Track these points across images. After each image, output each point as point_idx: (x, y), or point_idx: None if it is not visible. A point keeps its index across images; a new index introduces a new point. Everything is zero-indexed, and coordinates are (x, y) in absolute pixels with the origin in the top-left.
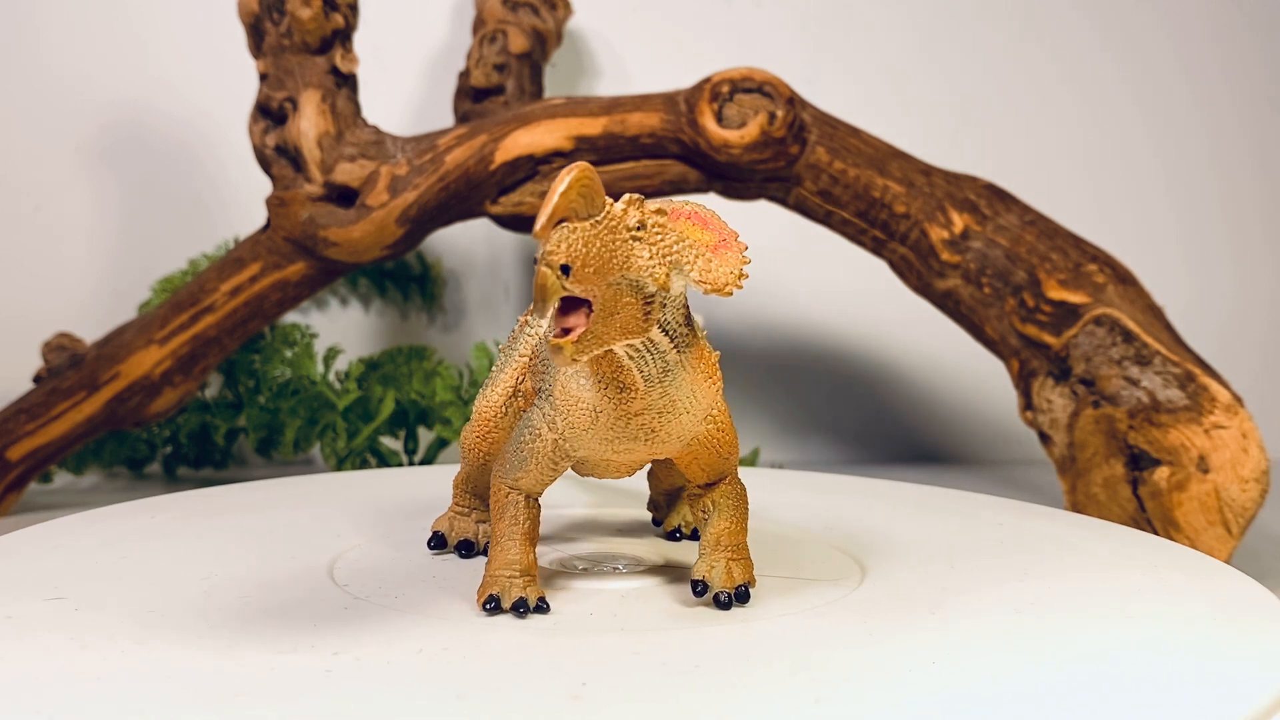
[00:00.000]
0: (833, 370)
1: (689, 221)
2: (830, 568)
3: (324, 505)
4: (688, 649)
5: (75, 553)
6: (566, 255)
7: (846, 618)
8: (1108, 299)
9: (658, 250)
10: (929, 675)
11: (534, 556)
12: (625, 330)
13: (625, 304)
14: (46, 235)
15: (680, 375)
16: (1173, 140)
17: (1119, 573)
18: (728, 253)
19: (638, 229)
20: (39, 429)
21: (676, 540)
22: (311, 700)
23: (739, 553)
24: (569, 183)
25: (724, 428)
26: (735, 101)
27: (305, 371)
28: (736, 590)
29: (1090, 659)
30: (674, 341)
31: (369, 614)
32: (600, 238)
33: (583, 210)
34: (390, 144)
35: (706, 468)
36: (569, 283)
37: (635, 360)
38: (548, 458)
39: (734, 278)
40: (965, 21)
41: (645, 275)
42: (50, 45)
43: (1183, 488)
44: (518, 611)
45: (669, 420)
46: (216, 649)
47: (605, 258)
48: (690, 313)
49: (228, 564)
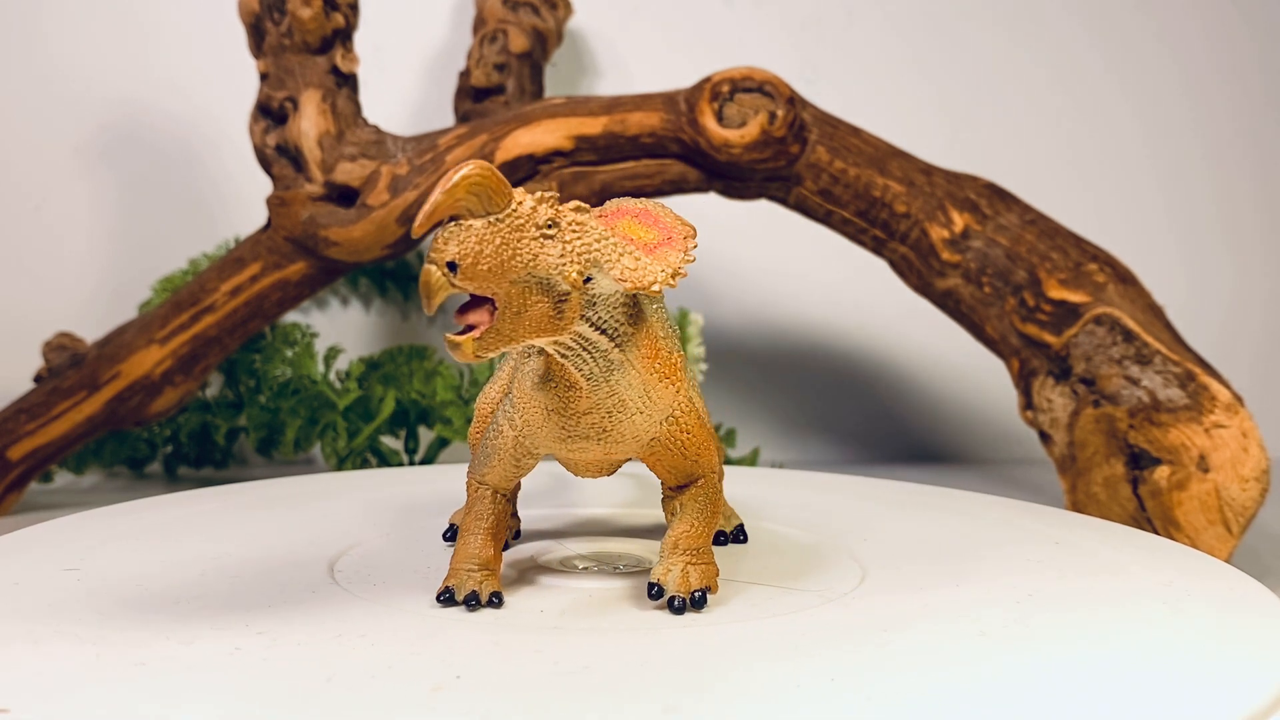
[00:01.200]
0: (833, 370)
1: (632, 219)
2: (830, 568)
3: (324, 505)
4: (609, 651)
5: (74, 552)
6: (454, 253)
7: (846, 617)
8: (1108, 298)
9: (572, 249)
10: (929, 675)
11: (495, 551)
12: (536, 329)
13: (534, 302)
14: (47, 235)
15: (628, 374)
16: (1172, 140)
17: (1119, 572)
18: (668, 251)
19: (548, 227)
20: (39, 429)
21: None
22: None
23: (699, 556)
24: (454, 182)
25: (690, 430)
26: (735, 101)
27: (306, 371)
28: (692, 595)
29: (1090, 659)
30: (614, 340)
31: (352, 607)
32: (500, 235)
33: (478, 208)
34: (391, 144)
35: (672, 470)
36: (457, 280)
37: (571, 359)
38: (510, 454)
39: (665, 276)
40: (965, 22)
41: (554, 273)
42: (51, 44)
43: (1183, 487)
44: (468, 604)
45: (620, 420)
46: (215, 648)
47: (505, 255)
48: (644, 310)
49: (227, 564)
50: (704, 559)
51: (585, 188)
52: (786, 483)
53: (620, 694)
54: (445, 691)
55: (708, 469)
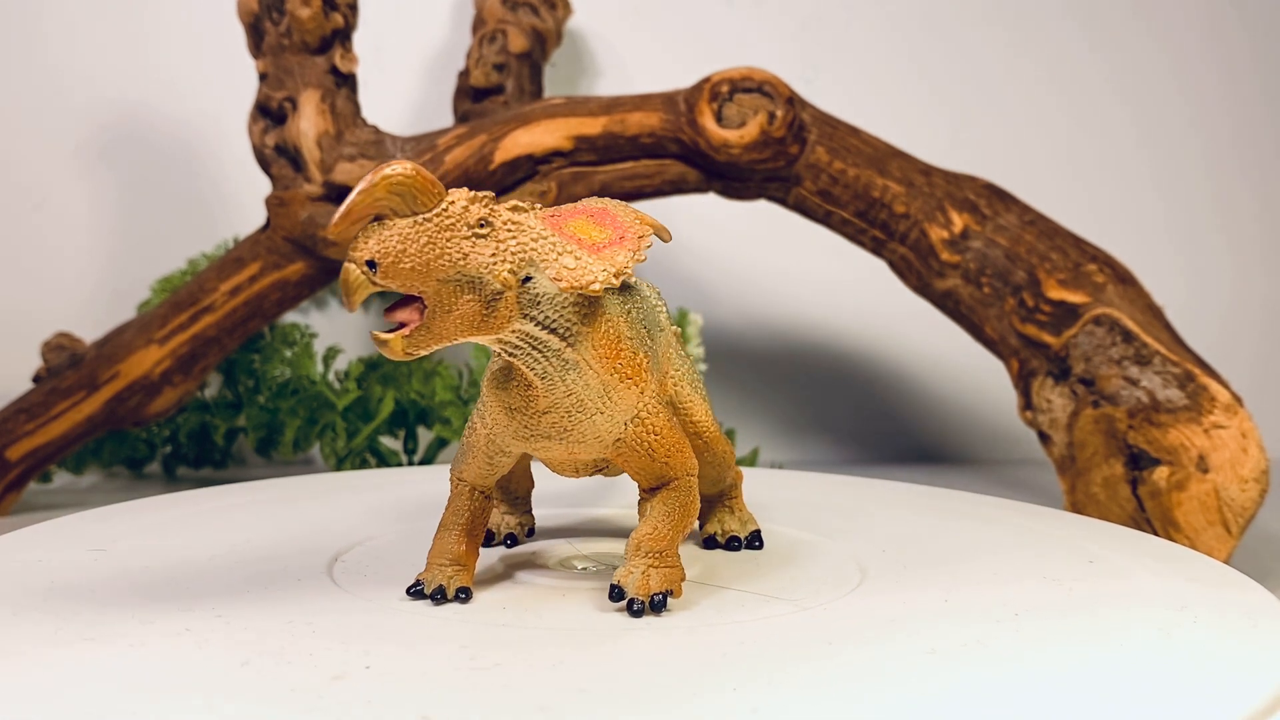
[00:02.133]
0: (833, 370)
1: (587, 219)
2: (829, 568)
3: (323, 505)
4: (533, 651)
5: (73, 552)
6: (373, 251)
7: (846, 617)
8: (1107, 299)
9: (505, 248)
10: (928, 675)
11: (468, 547)
12: (468, 328)
13: (465, 301)
14: (46, 235)
15: (585, 374)
16: (1170, 141)
17: (1118, 574)
18: (617, 250)
19: (480, 226)
20: (38, 429)
21: (710, 548)
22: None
23: (661, 560)
24: (372, 182)
25: (658, 431)
26: (735, 101)
27: (305, 371)
28: (652, 599)
29: (1090, 659)
30: (565, 339)
31: (344, 603)
32: (426, 234)
33: (402, 207)
34: (390, 144)
35: (642, 471)
36: (377, 278)
37: (521, 358)
38: (483, 451)
39: (606, 276)
40: (965, 22)
41: (485, 272)
42: (50, 45)
43: (1182, 487)
44: (434, 598)
45: (580, 420)
46: (216, 648)
47: (431, 254)
48: (608, 310)
49: (226, 564)
50: (667, 562)
51: (584, 188)
52: (786, 483)
53: (509, 692)
54: (344, 681)
55: (681, 471)
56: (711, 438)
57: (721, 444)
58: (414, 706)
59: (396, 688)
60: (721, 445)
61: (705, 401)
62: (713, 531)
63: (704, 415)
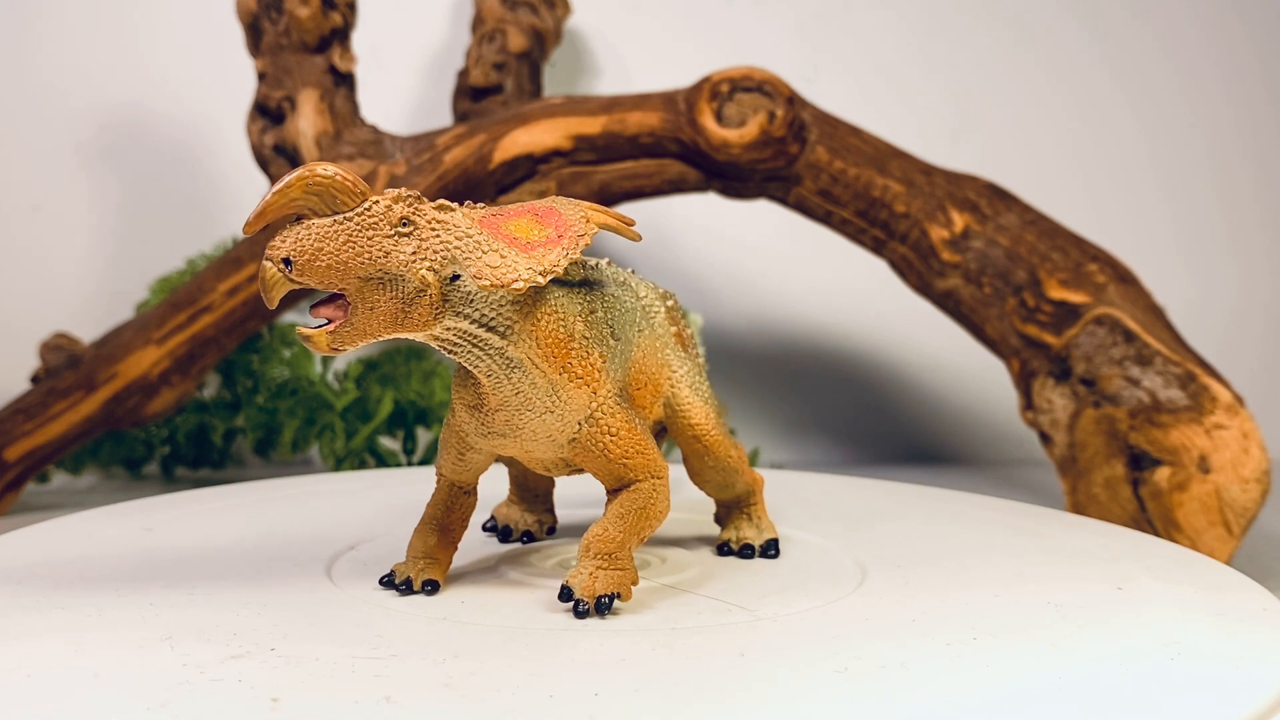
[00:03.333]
0: (833, 370)
1: (531, 218)
2: (830, 568)
3: (322, 505)
4: (440, 646)
5: (71, 553)
6: (289, 250)
7: (846, 618)
8: (1108, 299)
9: (427, 246)
10: (928, 676)
11: (439, 540)
12: (391, 324)
13: (387, 298)
14: (44, 235)
15: (530, 373)
16: (1172, 140)
17: (1118, 574)
18: (548, 250)
19: (402, 225)
20: (36, 429)
21: (722, 555)
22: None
23: (610, 562)
24: (287, 182)
25: (614, 432)
26: (735, 100)
27: (303, 371)
28: (597, 601)
29: (1090, 660)
30: (505, 337)
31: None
32: (345, 233)
33: (320, 207)
34: (389, 143)
35: (601, 472)
36: (293, 275)
37: (461, 355)
38: (454, 447)
39: (531, 274)
40: (965, 22)
41: (404, 270)
42: (49, 45)
43: (1184, 488)
44: (400, 589)
45: (529, 418)
46: (214, 648)
47: (349, 253)
48: (557, 310)
49: (225, 564)
50: (617, 565)
51: (584, 187)
52: (786, 483)
53: (379, 680)
54: (243, 660)
55: (644, 474)
56: (712, 442)
57: (723, 448)
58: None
59: (283, 670)
60: (723, 449)
61: (708, 405)
62: (728, 538)
63: (703, 419)
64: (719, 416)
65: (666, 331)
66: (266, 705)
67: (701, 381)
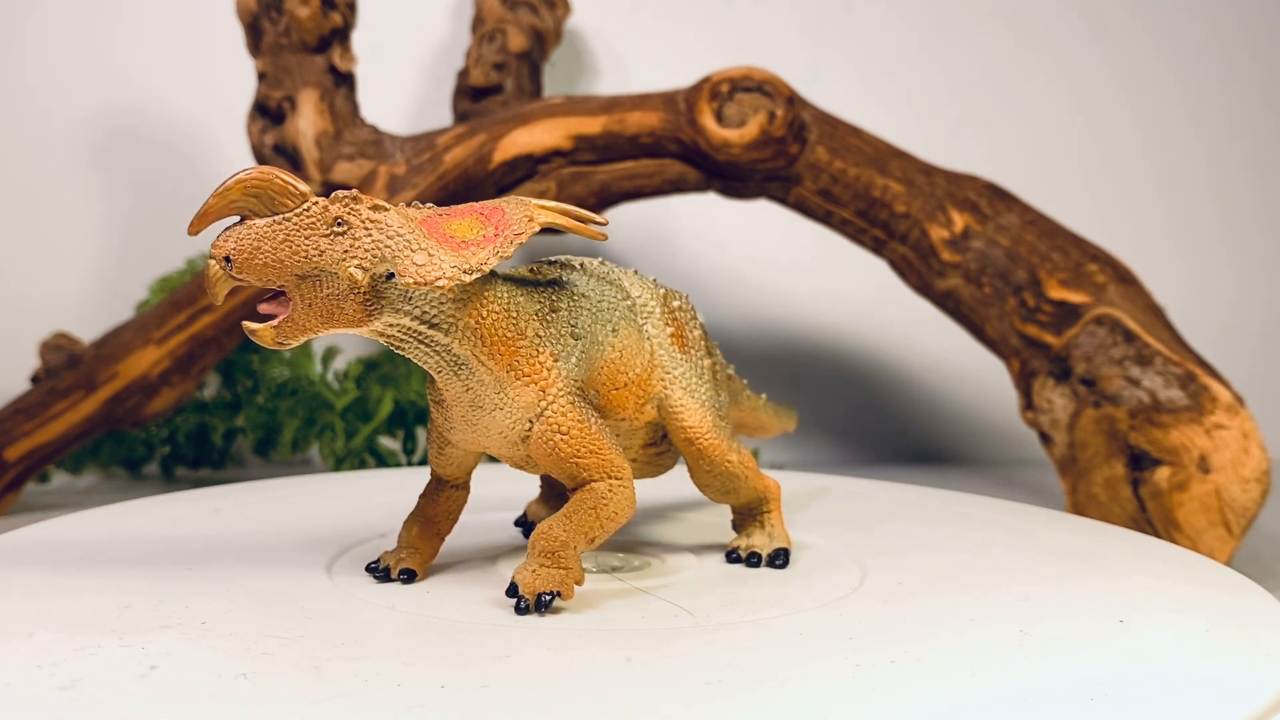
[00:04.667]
0: (833, 370)
1: (475, 217)
2: (830, 568)
3: (322, 505)
4: (369, 640)
5: (71, 553)
6: (230, 249)
7: (846, 618)
8: (1109, 299)
9: (359, 245)
10: (928, 676)
11: (420, 531)
12: (329, 320)
13: (324, 295)
14: (44, 235)
15: (476, 371)
16: (1171, 140)
17: (1118, 575)
18: (479, 249)
19: (337, 224)
20: (36, 429)
21: (729, 562)
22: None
23: (552, 560)
24: (226, 185)
25: (565, 431)
26: (735, 100)
27: (303, 371)
28: (537, 598)
29: (1089, 660)
30: (448, 334)
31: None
32: (283, 232)
33: (259, 208)
34: (389, 143)
35: (556, 471)
36: (233, 273)
37: (408, 351)
38: (434, 442)
39: (456, 273)
40: (965, 21)
41: (336, 268)
42: (49, 44)
43: (1184, 488)
44: (377, 576)
45: (481, 415)
46: (212, 649)
47: (286, 251)
48: (508, 308)
49: (224, 564)
50: (559, 563)
51: (584, 187)
52: (787, 483)
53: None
54: (174, 629)
55: (600, 474)
56: (706, 445)
57: (719, 453)
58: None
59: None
60: (719, 454)
61: (704, 408)
62: (737, 545)
63: (697, 422)
64: (718, 420)
65: (661, 332)
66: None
67: (700, 384)
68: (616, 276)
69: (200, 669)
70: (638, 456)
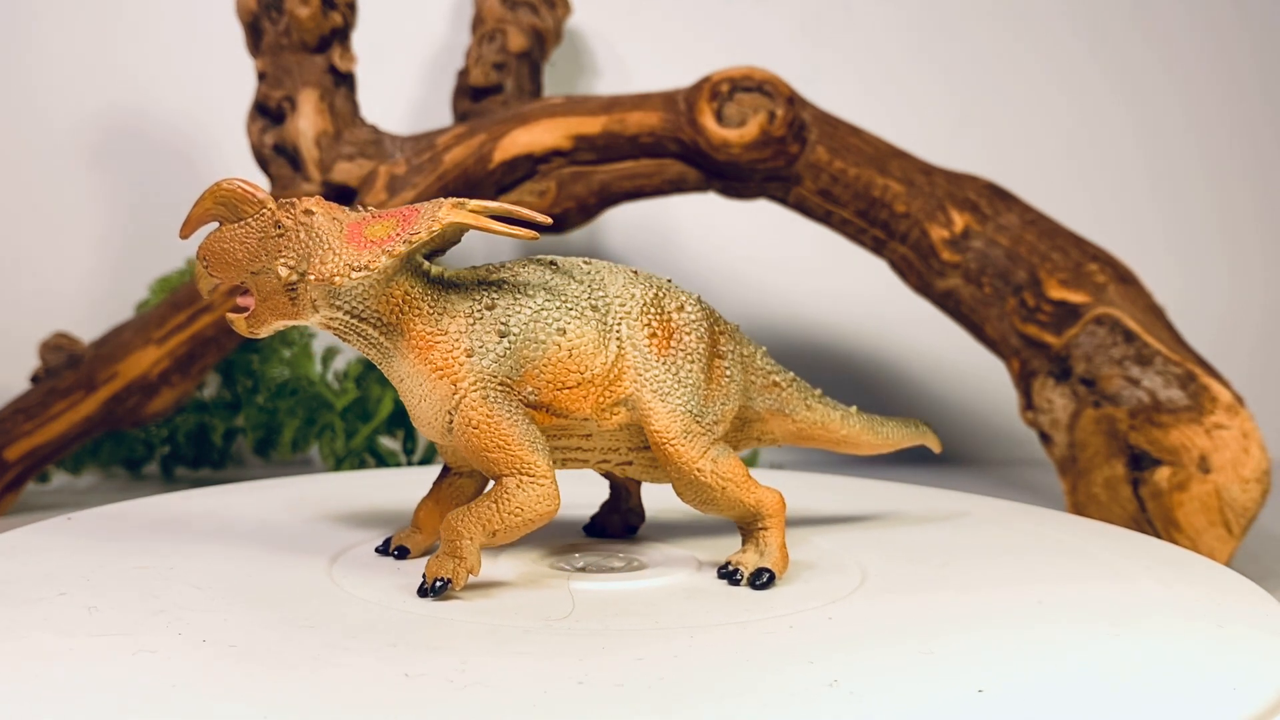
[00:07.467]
0: (833, 370)
1: (393, 221)
2: (830, 568)
3: (322, 506)
4: (323, 627)
5: (71, 553)
6: (204, 250)
7: (847, 618)
8: (1109, 299)
9: (289, 247)
10: (928, 677)
11: (425, 512)
12: (280, 312)
13: (272, 290)
14: (45, 235)
15: (401, 363)
16: (1170, 141)
17: (1118, 575)
18: (373, 249)
19: (277, 228)
20: (36, 429)
21: (720, 578)
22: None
23: (450, 548)
24: (203, 196)
25: (475, 425)
26: (735, 100)
27: (303, 371)
28: (433, 582)
29: (1089, 661)
30: (379, 328)
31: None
32: (239, 236)
33: (228, 214)
34: (388, 143)
35: (474, 464)
36: (209, 271)
37: (353, 342)
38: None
39: (347, 269)
40: (965, 21)
41: (274, 267)
42: (48, 44)
43: (1184, 488)
44: (380, 550)
45: (413, 404)
46: (212, 649)
47: (240, 252)
48: (435, 305)
49: (224, 564)
50: (454, 552)
51: (584, 187)
52: (787, 483)
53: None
54: (173, 629)
55: (509, 469)
56: (672, 452)
57: (686, 460)
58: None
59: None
60: (686, 461)
61: (675, 413)
62: (728, 560)
63: (663, 426)
64: (692, 426)
65: (635, 332)
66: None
67: (676, 388)
68: (598, 275)
69: (199, 669)
70: (632, 460)
